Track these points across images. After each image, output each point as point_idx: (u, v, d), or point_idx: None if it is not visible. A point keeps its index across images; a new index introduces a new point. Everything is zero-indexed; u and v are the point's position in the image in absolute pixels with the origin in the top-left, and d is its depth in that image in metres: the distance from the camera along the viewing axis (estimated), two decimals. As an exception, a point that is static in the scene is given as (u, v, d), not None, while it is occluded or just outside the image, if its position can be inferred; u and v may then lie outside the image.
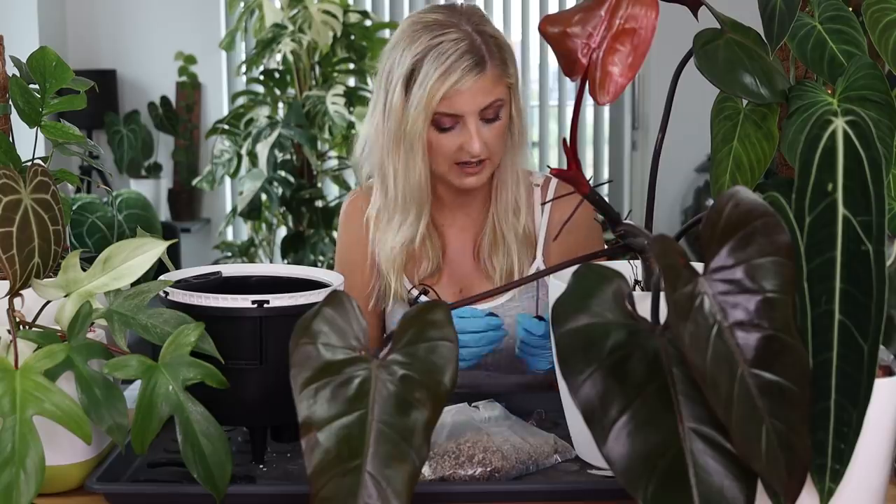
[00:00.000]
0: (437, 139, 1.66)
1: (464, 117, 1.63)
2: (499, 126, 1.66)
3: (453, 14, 1.67)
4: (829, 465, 0.89)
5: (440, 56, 1.61)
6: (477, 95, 1.62)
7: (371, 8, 5.01)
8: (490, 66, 1.63)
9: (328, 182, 4.56)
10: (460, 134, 1.65)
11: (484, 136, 1.65)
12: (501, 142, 1.68)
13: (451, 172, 1.69)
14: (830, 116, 0.91)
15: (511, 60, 1.67)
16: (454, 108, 1.63)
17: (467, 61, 1.61)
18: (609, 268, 0.93)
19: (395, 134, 1.67)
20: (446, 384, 0.90)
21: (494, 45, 1.65)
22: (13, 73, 1.41)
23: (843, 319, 0.89)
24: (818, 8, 1.28)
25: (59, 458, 1.21)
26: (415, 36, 1.65)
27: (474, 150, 1.64)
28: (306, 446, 0.87)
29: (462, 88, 1.61)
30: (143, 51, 4.96)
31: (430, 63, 1.62)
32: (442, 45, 1.62)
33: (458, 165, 1.67)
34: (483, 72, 1.62)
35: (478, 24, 1.66)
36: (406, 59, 1.64)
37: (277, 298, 1.25)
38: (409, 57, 1.64)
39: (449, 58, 1.61)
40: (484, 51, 1.63)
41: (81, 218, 2.43)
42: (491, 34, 1.66)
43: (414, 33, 1.65)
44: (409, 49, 1.64)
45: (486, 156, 1.66)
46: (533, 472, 1.30)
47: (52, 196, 1.25)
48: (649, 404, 0.84)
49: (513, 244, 1.75)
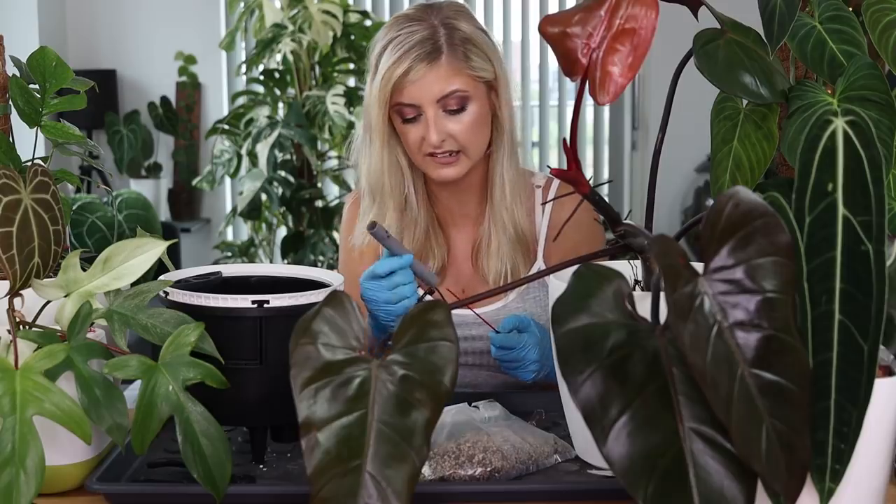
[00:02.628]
0: (403, 130, 1.68)
1: (421, 107, 1.64)
2: (468, 119, 1.66)
3: (428, 10, 1.69)
4: (829, 465, 0.89)
5: (395, 47, 1.64)
6: (430, 85, 1.63)
7: (371, 8, 5.01)
8: (447, 56, 1.63)
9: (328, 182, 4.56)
10: (422, 124, 1.66)
11: (447, 128, 1.65)
12: (474, 135, 1.68)
13: (425, 164, 1.69)
14: (830, 116, 0.91)
15: (481, 56, 1.66)
16: (409, 97, 1.64)
17: (418, 51, 1.63)
18: (609, 268, 0.93)
19: (364, 124, 1.71)
20: (446, 384, 0.90)
21: (459, 39, 1.65)
22: (13, 73, 1.41)
23: (843, 319, 0.89)
24: (818, 8, 1.28)
25: (59, 458, 1.21)
26: (384, 31, 1.69)
27: (431, 139, 1.64)
28: (306, 446, 0.87)
29: (413, 78, 1.63)
30: (143, 51, 4.96)
31: (387, 54, 1.65)
32: (399, 36, 1.65)
33: (429, 157, 1.68)
34: (436, 61, 1.63)
35: (448, 19, 1.67)
36: (375, 50, 1.68)
37: (277, 298, 1.26)
38: (377, 48, 1.67)
39: (402, 47, 1.63)
40: (442, 42, 1.64)
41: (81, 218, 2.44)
42: (459, 28, 1.66)
43: (388, 27, 1.69)
44: (380, 42, 1.68)
45: (454, 148, 1.67)
46: (533, 472, 1.30)
47: (52, 196, 1.25)
48: (649, 404, 0.84)
49: (506, 246, 1.74)
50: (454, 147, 1.66)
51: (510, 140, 1.73)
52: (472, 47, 1.66)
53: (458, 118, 1.66)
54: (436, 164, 1.68)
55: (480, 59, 1.66)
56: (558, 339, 0.87)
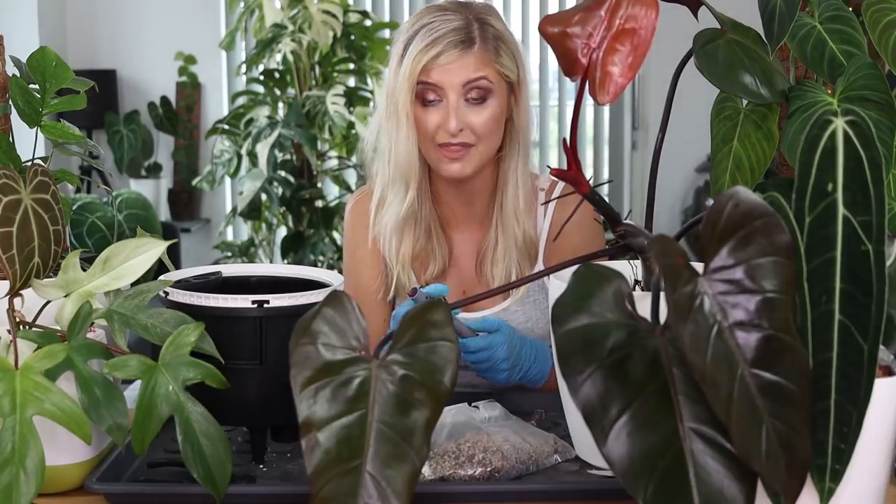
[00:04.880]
0: (421, 114, 1.67)
1: (445, 91, 1.64)
2: (487, 113, 1.66)
3: (462, 5, 1.70)
4: (829, 465, 0.89)
5: (429, 31, 1.65)
6: (459, 70, 1.64)
7: (371, 8, 5.01)
8: (479, 47, 1.65)
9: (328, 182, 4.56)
10: (441, 111, 1.66)
11: (466, 118, 1.65)
12: (490, 130, 1.67)
13: (436, 155, 1.68)
14: (830, 116, 0.91)
15: (509, 55, 1.68)
16: (436, 78, 1.64)
17: (453, 37, 1.64)
18: (609, 268, 0.93)
19: (388, 109, 1.70)
20: (446, 384, 0.90)
21: (492, 34, 1.67)
22: (13, 73, 1.41)
23: (843, 319, 0.89)
24: (818, 8, 1.28)
25: (59, 458, 1.21)
26: (415, 18, 1.70)
27: (451, 126, 1.64)
28: (306, 446, 0.87)
29: (443, 61, 1.64)
30: (143, 51, 4.96)
31: (419, 38, 1.66)
32: (434, 23, 1.66)
33: (440, 148, 1.67)
34: (469, 49, 1.64)
35: (482, 15, 1.69)
36: (404, 35, 1.69)
37: (277, 298, 1.26)
38: (406, 33, 1.68)
39: (437, 32, 1.65)
40: (476, 33, 1.66)
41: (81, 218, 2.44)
42: (492, 24, 1.68)
43: (418, 15, 1.70)
44: (410, 28, 1.69)
45: (469, 140, 1.66)
46: (533, 472, 1.30)
47: (52, 196, 1.25)
48: (649, 404, 0.84)
49: (513, 252, 1.74)
50: (469, 139, 1.66)
51: (524, 145, 1.74)
52: (502, 45, 1.68)
53: (479, 109, 1.66)
54: (446, 157, 1.67)
55: (508, 58, 1.68)
56: (558, 339, 0.87)
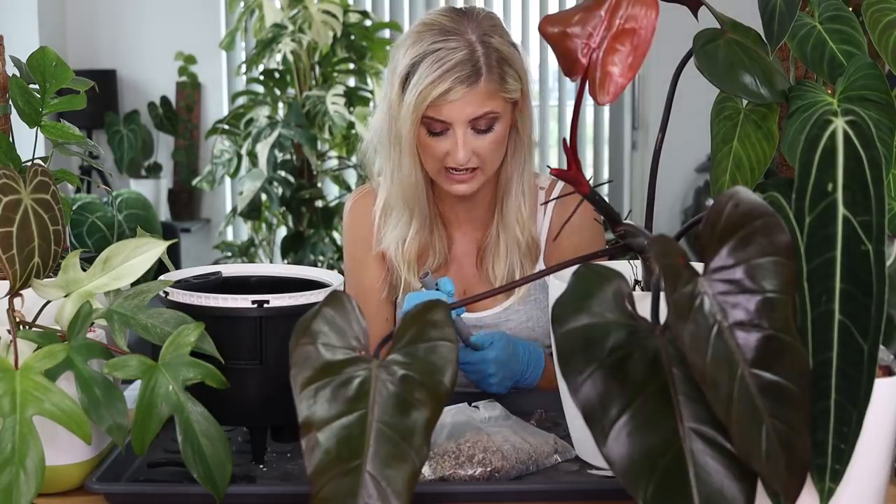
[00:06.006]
0: (427, 142, 1.66)
1: (452, 125, 1.63)
2: (492, 138, 1.65)
3: (463, 20, 1.65)
4: (829, 465, 0.89)
5: (435, 62, 1.61)
6: (466, 106, 1.62)
7: (371, 8, 5.01)
8: (485, 79, 1.61)
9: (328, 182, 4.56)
10: (449, 140, 1.64)
11: (473, 146, 1.64)
12: (496, 153, 1.67)
13: (441, 177, 1.68)
14: (830, 116, 0.91)
15: (513, 76, 1.65)
16: (442, 115, 1.62)
17: (460, 72, 1.60)
18: (609, 268, 0.93)
19: (390, 132, 1.68)
20: (446, 384, 0.90)
21: (496, 59, 1.63)
22: (13, 73, 1.41)
23: (843, 319, 0.89)
24: (818, 8, 1.28)
25: (59, 458, 1.21)
26: (418, 37, 1.64)
27: (459, 158, 1.63)
28: (306, 446, 0.87)
29: (451, 98, 1.61)
30: (143, 51, 4.96)
31: (424, 67, 1.61)
32: (440, 51, 1.61)
33: (446, 170, 1.67)
34: (475, 84, 1.61)
35: (485, 34, 1.64)
36: (406, 59, 1.64)
37: (277, 298, 1.26)
38: (409, 58, 1.63)
39: (443, 65, 1.60)
40: (482, 63, 1.61)
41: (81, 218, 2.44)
42: (496, 47, 1.64)
43: (419, 34, 1.65)
44: (411, 49, 1.64)
45: (475, 165, 1.66)
46: (533, 472, 1.30)
47: (52, 196, 1.25)
48: (649, 404, 0.84)
49: (515, 254, 1.75)
50: (476, 164, 1.66)
51: (527, 151, 1.73)
52: (507, 68, 1.64)
53: (486, 137, 1.65)
54: (452, 179, 1.67)
55: (513, 80, 1.65)
56: (558, 339, 0.87)
